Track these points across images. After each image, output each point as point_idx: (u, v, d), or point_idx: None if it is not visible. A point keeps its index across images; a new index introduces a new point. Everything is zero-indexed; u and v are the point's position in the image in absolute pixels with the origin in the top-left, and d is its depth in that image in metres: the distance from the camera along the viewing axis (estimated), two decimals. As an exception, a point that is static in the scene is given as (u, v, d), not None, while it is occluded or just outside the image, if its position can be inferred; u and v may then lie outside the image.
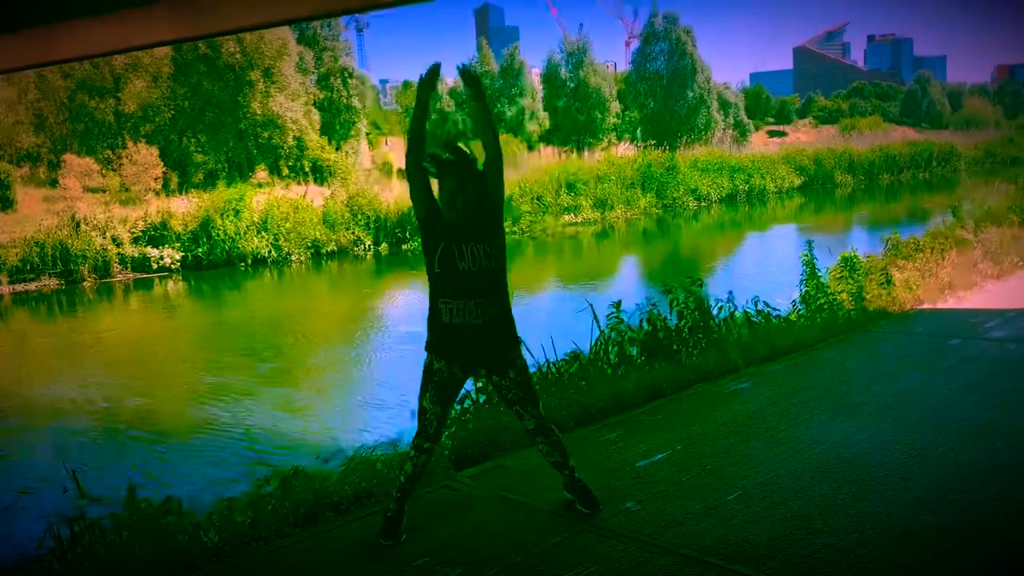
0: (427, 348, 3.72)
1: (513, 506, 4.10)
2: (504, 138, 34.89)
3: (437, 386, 3.67)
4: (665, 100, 48.12)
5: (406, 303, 17.94)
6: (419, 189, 3.65)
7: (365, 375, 11.78)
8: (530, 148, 41.60)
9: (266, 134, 32.39)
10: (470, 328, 3.58)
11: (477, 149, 3.79)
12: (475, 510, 4.02)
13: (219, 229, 21.78)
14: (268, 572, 3.64)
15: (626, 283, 19.66)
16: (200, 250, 21.65)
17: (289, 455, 7.61)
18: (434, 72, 3.65)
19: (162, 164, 27.87)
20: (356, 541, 3.85)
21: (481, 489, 4.32)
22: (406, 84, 53.66)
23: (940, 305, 8.53)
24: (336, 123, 36.47)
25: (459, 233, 3.57)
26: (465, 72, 3.81)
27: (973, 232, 11.35)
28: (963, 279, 9.26)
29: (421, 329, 3.76)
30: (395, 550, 3.68)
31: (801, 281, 8.51)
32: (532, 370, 4.50)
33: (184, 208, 22.76)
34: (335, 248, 23.39)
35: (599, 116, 46.51)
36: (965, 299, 8.72)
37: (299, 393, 10.85)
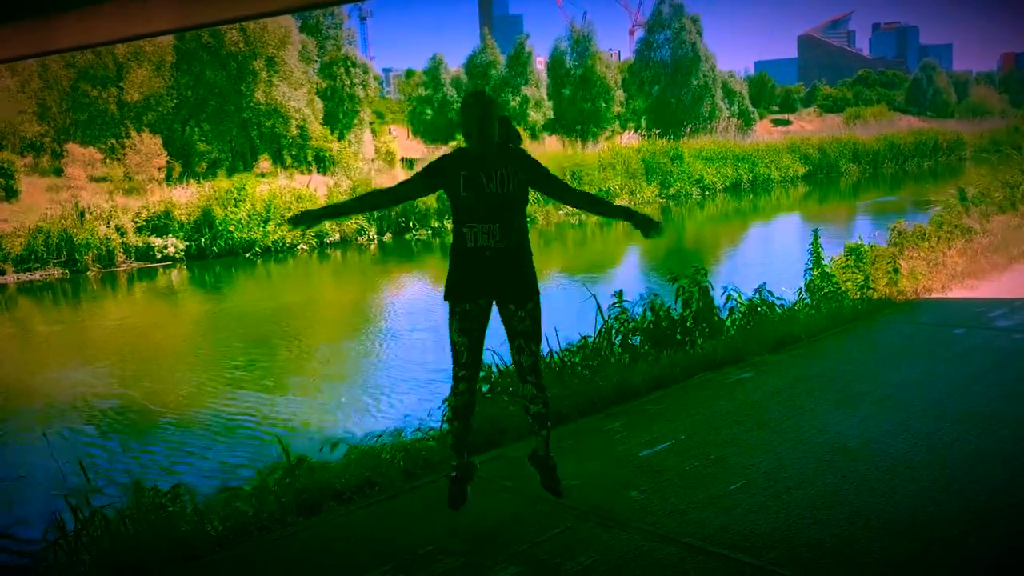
0: (448, 294, 3.70)
1: (516, 495, 4.09)
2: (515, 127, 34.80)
3: (462, 318, 3.67)
4: (670, 89, 47.92)
5: (415, 291, 17.95)
6: (421, 189, 3.83)
7: (378, 363, 11.79)
8: (534, 137, 41.45)
9: (269, 123, 32.34)
10: (493, 251, 3.59)
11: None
12: (478, 499, 4.02)
13: (222, 219, 21.78)
14: (271, 562, 3.65)
15: (630, 273, 19.64)
16: (204, 239, 21.66)
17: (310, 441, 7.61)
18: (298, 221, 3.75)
19: (165, 153, 27.83)
20: (359, 530, 3.85)
21: (484, 478, 4.31)
22: (409, 73, 53.53)
23: (946, 294, 8.50)
24: (339, 112, 36.38)
25: (487, 158, 3.61)
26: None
27: (979, 221, 11.30)
28: (969, 268, 9.22)
29: (436, 319, 3.76)
30: (398, 540, 3.68)
31: (806, 270, 8.49)
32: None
33: (187, 197, 22.76)
34: (339, 238, 23.38)
35: (604, 105, 46.32)
36: (971, 288, 8.69)
37: (312, 382, 10.87)
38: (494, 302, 3.71)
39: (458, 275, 3.67)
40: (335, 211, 4.25)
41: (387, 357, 11.98)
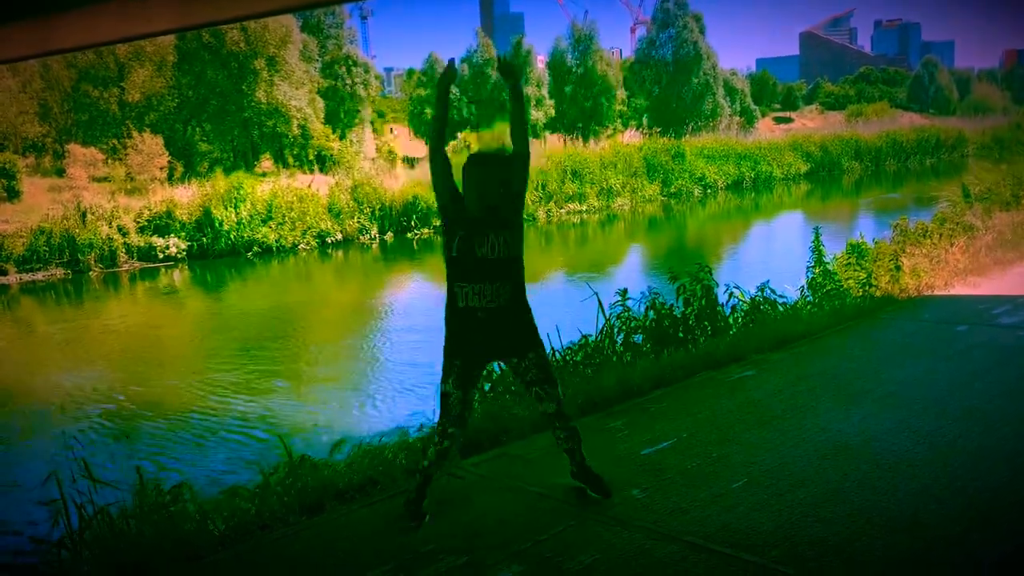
0: (444, 349, 3.74)
1: (518, 494, 4.09)
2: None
3: (458, 371, 3.70)
4: (671, 87, 47.89)
5: (417, 291, 17.96)
6: (442, 178, 3.70)
7: (380, 363, 11.79)
8: (535, 135, 41.44)
9: (270, 123, 32.35)
10: (485, 312, 3.60)
11: (506, 136, 3.82)
12: (480, 498, 4.02)
13: (224, 219, 21.80)
14: (273, 561, 3.65)
15: (631, 271, 19.63)
16: (206, 239, 21.68)
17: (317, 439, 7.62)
18: (451, 68, 3.78)
19: (167, 153, 27.86)
20: (361, 530, 3.85)
21: (486, 477, 4.31)
22: (410, 72, 53.51)
23: (949, 292, 8.48)
24: (340, 111, 36.39)
25: (480, 222, 3.60)
26: (504, 65, 3.83)
27: (982, 218, 11.28)
28: (972, 265, 9.20)
29: (436, 319, 3.77)
30: (400, 538, 3.69)
31: (808, 268, 8.48)
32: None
33: (189, 197, 22.78)
34: (341, 237, 23.38)
35: (605, 103, 46.30)
36: (974, 285, 8.68)
37: (315, 382, 10.88)
38: (491, 362, 3.74)
39: (454, 333, 3.71)
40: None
41: (389, 357, 11.99)
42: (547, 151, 31.83)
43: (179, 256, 21.24)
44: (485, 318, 3.61)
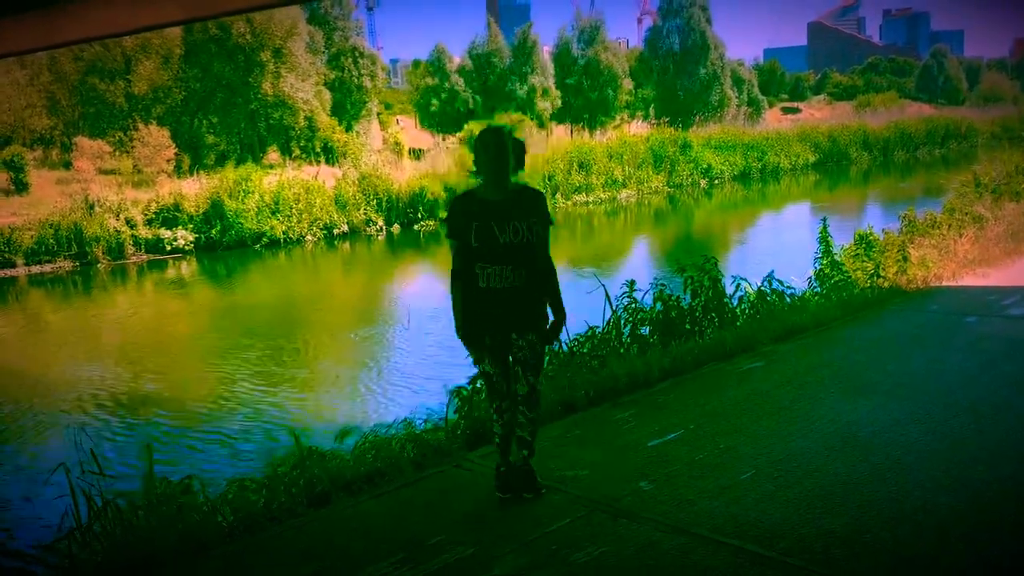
0: (466, 334, 3.79)
1: (526, 486, 4.09)
2: (516, 117, 34.68)
3: (490, 350, 3.79)
4: (678, 77, 47.66)
5: (424, 282, 17.98)
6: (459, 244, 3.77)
7: (388, 354, 11.81)
8: (541, 127, 41.31)
9: (277, 115, 32.31)
10: (506, 292, 3.68)
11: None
12: (488, 490, 4.02)
13: (231, 211, 21.83)
14: (281, 552, 3.66)
15: (638, 263, 19.60)
16: (213, 231, 21.71)
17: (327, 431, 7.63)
18: None
19: (174, 146, 27.86)
20: (369, 521, 3.86)
21: (493, 469, 4.32)
22: (416, 63, 53.37)
23: (957, 283, 8.44)
24: (347, 103, 36.33)
25: (497, 210, 3.66)
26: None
27: (991, 209, 11.21)
28: (981, 256, 9.15)
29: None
30: (407, 530, 3.70)
31: (816, 259, 8.45)
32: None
33: (196, 189, 22.80)
34: (347, 229, 23.40)
35: (611, 94, 46.08)
36: (983, 276, 8.63)
37: (323, 372, 10.91)
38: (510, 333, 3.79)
39: (474, 313, 3.76)
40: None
41: (396, 348, 12.01)
42: (553, 142, 31.75)
43: (187, 248, 21.28)
44: (507, 297, 3.70)
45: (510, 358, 3.81)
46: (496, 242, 3.64)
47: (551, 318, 3.84)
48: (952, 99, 69.59)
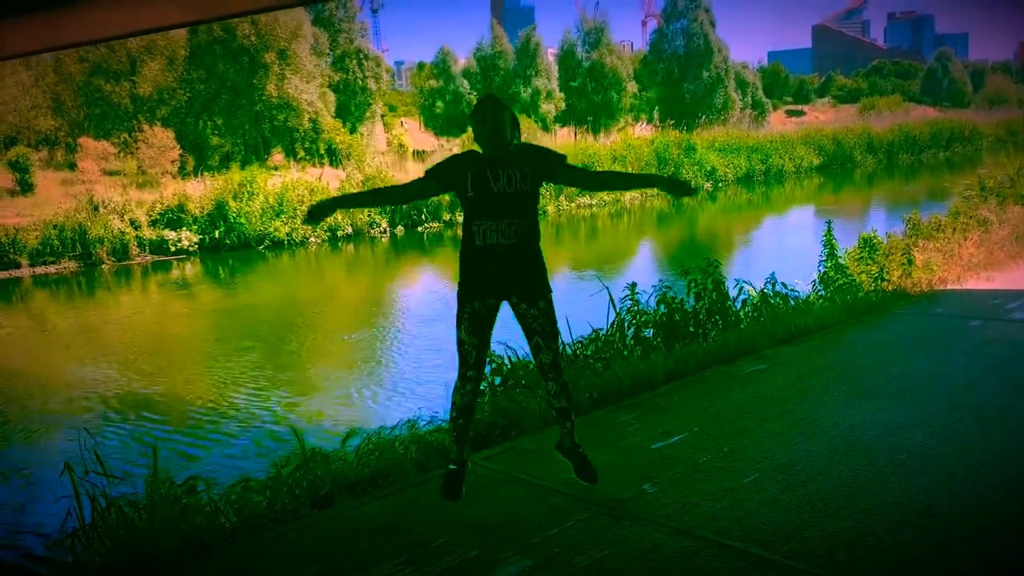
0: (458, 293, 3.73)
1: (528, 488, 4.09)
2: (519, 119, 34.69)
3: (471, 317, 3.69)
4: (682, 80, 47.68)
5: (427, 284, 17.98)
6: (429, 190, 3.81)
7: (391, 354, 11.81)
8: (545, 129, 41.33)
9: (281, 116, 32.39)
10: (503, 248, 3.60)
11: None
12: (491, 492, 4.02)
13: (235, 212, 21.87)
14: (284, 553, 3.67)
15: (641, 265, 19.59)
16: (217, 232, 21.75)
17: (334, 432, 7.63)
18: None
19: (178, 147, 27.94)
20: (372, 522, 3.86)
21: (496, 471, 4.32)
22: (421, 65, 53.48)
23: (962, 286, 8.43)
24: (351, 105, 36.41)
25: (492, 161, 3.62)
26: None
27: (996, 212, 11.19)
28: (986, 260, 9.14)
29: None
30: (411, 532, 3.69)
31: (820, 262, 8.45)
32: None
33: (201, 191, 22.85)
34: (351, 230, 23.43)
35: (615, 96, 46.12)
36: (988, 280, 8.61)
37: (327, 373, 10.91)
38: (504, 303, 3.74)
39: (469, 273, 3.69)
40: (346, 202, 4.37)
41: (400, 348, 12.01)
42: (557, 145, 31.75)
43: (191, 249, 21.32)
44: (503, 254, 3.61)
45: (526, 329, 3.75)
46: (491, 192, 3.57)
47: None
48: (957, 102, 69.52)
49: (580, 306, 7.62)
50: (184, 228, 21.52)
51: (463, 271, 3.71)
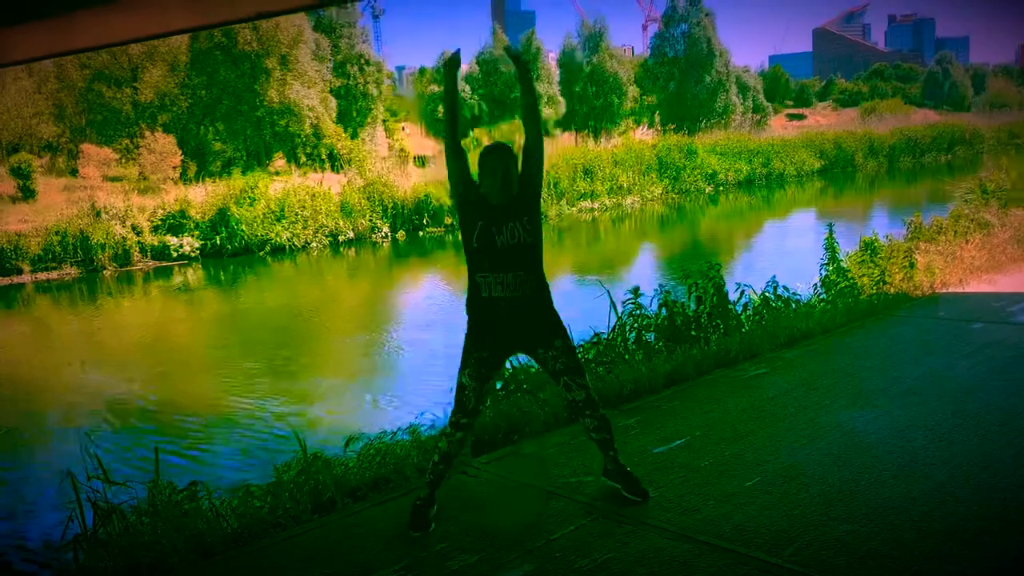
0: (467, 339, 3.74)
1: (530, 492, 4.09)
2: (520, 124, 34.73)
3: (478, 363, 3.69)
4: (684, 84, 47.72)
5: (430, 289, 17.98)
6: (457, 168, 3.71)
7: (393, 360, 11.82)
8: (546, 133, 41.31)
9: (283, 122, 32.43)
10: (508, 302, 3.60)
11: (518, 129, 3.86)
12: (492, 496, 4.02)
13: (237, 217, 21.89)
14: (285, 558, 3.66)
15: (643, 269, 19.58)
16: (219, 238, 21.77)
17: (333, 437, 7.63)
18: (455, 56, 3.78)
19: (180, 152, 27.97)
20: (372, 528, 3.86)
21: (498, 475, 4.31)
22: (422, 70, 53.56)
23: (963, 289, 8.42)
24: (353, 110, 36.44)
25: (499, 212, 3.61)
26: (514, 56, 3.84)
27: (998, 215, 11.18)
28: (987, 262, 9.13)
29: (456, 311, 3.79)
30: (412, 536, 3.69)
31: (822, 265, 8.44)
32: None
33: (202, 196, 22.87)
34: (352, 235, 23.44)
35: (616, 101, 46.15)
36: (990, 283, 8.60)
37: (329, 379, 10.91)
38: (513, 355, 3.77)
39: (478, 324, 3.70)
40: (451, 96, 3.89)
41: (401, 354, 12.01)
42: (558, 149, 31.78)
43: (193, 255, 21.34)
44: (509, 309, 3.61)
45: (550, 372, 3.75)
46: (494, 247, 3.58)
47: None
48: (958, 105, 69.50)
49: (582, 310, 7.62)
50: (186, 234, 21.54)
51: (471, 320, 3.72)
